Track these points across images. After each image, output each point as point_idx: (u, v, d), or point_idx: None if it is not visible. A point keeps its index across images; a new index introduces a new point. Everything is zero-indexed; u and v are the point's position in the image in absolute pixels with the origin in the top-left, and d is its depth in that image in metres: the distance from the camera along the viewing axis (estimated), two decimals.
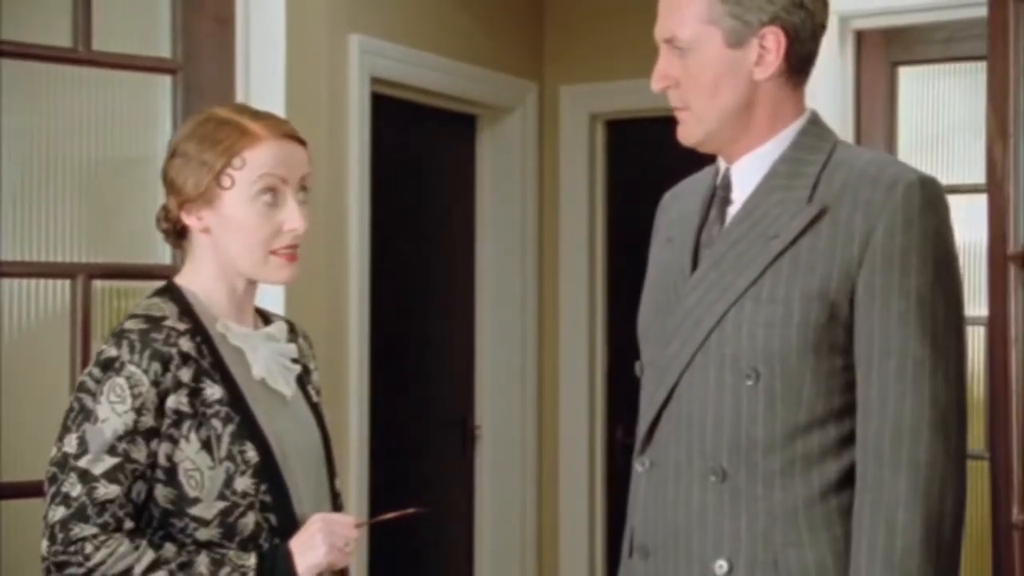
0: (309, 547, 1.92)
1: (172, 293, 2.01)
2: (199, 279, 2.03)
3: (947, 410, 1.73)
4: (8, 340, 2.78)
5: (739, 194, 1.87)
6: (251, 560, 1.89)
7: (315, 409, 2.11)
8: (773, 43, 1.81)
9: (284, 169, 1.99)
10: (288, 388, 2.05)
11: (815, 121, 1.89)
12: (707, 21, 1.82)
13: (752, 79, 1.82)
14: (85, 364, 2.72)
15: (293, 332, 2.17)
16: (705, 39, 1.82)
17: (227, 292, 2.03)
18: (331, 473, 2.11)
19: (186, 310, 1.98)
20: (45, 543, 1.86)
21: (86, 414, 1.88)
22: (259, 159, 1.97)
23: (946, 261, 1.76)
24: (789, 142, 1.85)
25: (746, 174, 1.87)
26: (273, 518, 1.94)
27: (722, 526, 1.79)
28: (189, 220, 2.00)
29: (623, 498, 5.13)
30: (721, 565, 1.78)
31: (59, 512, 1.85)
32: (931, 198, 1.77)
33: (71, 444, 1.87)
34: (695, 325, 1.83)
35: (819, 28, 1.86)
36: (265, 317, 2.15)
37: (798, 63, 1.85)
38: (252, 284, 2.06)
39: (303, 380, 2.12)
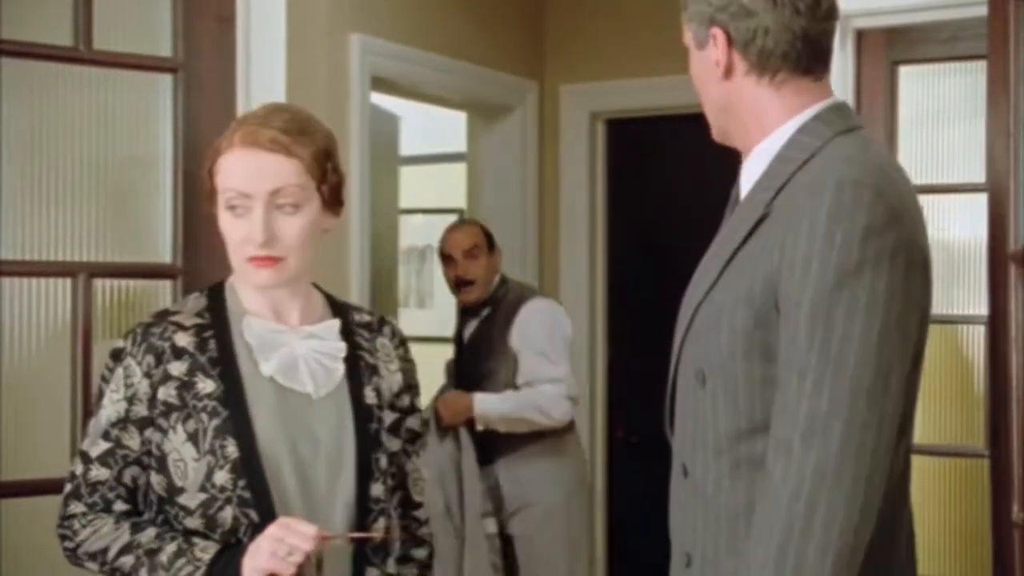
0: (255, 549, 1.89)
1: (213, 288, 2.09)
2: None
3: (829, 424, 1.61)
4: (9, 339, 2.78)
5: (744, 192, 1.88)
6: (207, 555, 1.91)
7: (361, 410, 2.05)
8: (719, 44, 1.82)
9: (246, 184, 1.95)
10: (315, 386, 2.02)
11: (819, 117, 1.83)
12: (685, 23, 1.89)
13: (719, 79, 1.84)
14: (86, 363, 2.73)
15: (374, 329, 2.14)
16: (689, 40, 1.89)
17: (254, 288, 2.04)
18: (363, 477, 2.02)
19: (215, 305, 2.04)
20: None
21: (99, 400, 2.01)
22: (224, 171, 1.98)
23: (856, 269, 1.63)
24: (786, 139, 1.83)
25: (748, 172, 1.87)
26: (254, 514, 1.93)
27: (687, 520, 1.83)
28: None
29: (623, 496, 5.11)
30: (687, 556, 1.82)
31: (66, 488, 2.01)
32: (846, 203, 1.65)
33: (89, 426, 2.02)
34: (680, 324, 1.87)
35: (773, 28, 1.79)
36: (340, 310, 2.13)
37: (758, 61, 1.81)
38: (299, 282, 2.06)
39: (361, 379, 2.07)
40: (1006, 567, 2.69)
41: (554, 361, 4.02)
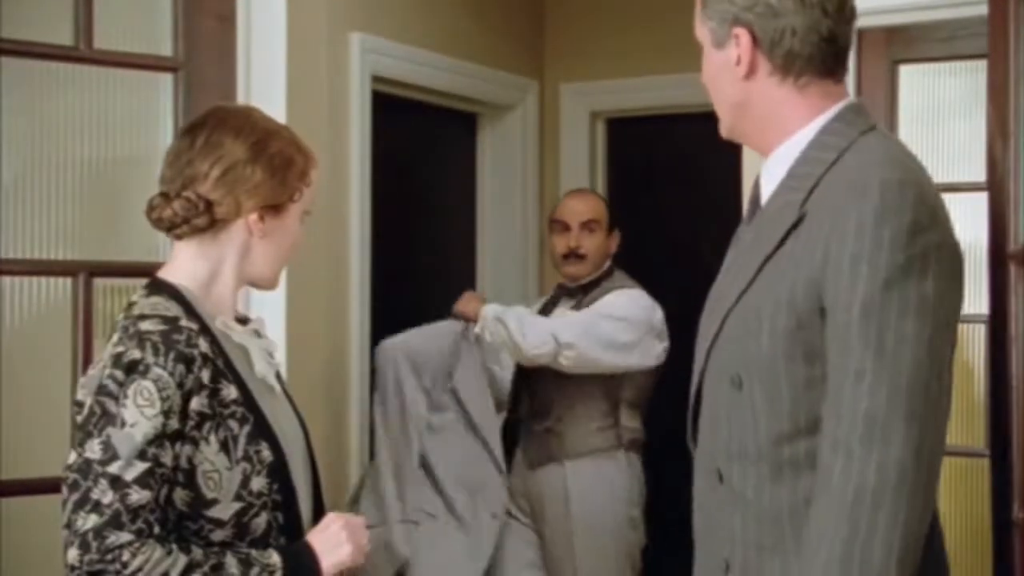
0: (335, 545, 1.93)
1: (168, 291, 1.98)
2: (199, 275, 2.01)
3: (888, 424, 1.62)
4: (9, 338, 2.78)
5: (765, 194, 1.87)
6: (275, 558, 1.89)
7: (292, 400, 2.12)
8: (743, 43, 1.81)
9: None
10: (276, 383, 2.07)
11: (840, 117, 1.82)
12: (701, 23, 1.87)
13: (739, 79, 1.83)
14: (86, 362, 2.73)
15: (248, 320, 2.17)
16: (704, 40, 1.87)
17: (232, 290, 2.03)
18: (313, 461, 2.10)
19: (189, 309, 1.96)
20: (75, 552, 1.79)
21: (109, 418, 1.84)
22: (315, 180, 2.08)
23: (905, 268, 1.65)
24: (808, 140, 1.81)
25: (770, 174, 1.86)
26: (281, 516, 1.94)
27: (723, 526, 1.81)
28: (255, 223, 2.00)
29: None
30: (725, 563, 1.80)
31: (91, 520, 1.79)
32: (892, 202, 1.66)
33: (94, 449, 1.83)
34: (707, 330, 1.85)
35: (801, 29, 1.79)
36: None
37: (783, 63, 1.81)
38: None
39: (278, 374, 2.13)
40: (1006, 567, 2.69)
41: (620, 320, 3.51)
